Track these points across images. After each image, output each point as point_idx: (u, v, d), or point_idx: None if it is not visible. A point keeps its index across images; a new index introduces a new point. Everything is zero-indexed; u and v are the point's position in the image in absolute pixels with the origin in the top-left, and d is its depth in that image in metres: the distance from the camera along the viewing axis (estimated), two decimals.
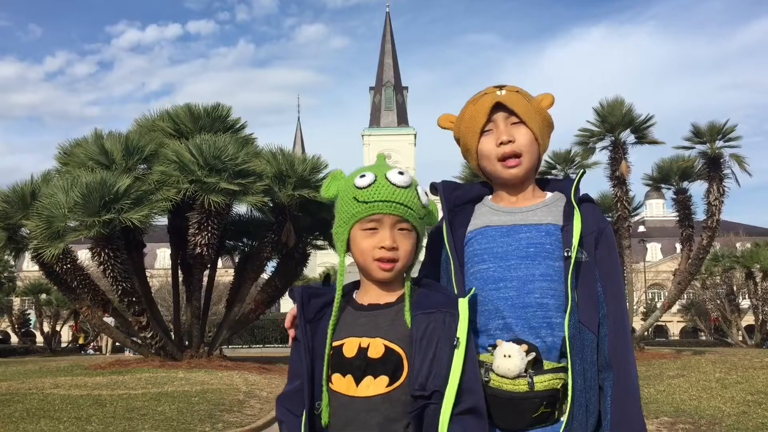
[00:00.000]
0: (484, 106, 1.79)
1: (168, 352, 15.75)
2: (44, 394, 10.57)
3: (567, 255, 1.67)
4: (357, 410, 1.62)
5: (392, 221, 1.65)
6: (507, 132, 1.76)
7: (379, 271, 1.66)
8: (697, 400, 9.47)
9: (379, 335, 1.64)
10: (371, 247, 1.65)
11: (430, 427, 1.55)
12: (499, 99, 1.77)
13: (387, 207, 1.64)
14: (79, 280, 15.16)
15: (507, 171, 1.78)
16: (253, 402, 10.20)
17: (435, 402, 1.56)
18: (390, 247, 1.64)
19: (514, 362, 1.62)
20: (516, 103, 1.77)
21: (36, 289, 36.58)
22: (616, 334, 1.69)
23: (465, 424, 1.54)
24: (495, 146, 1.77)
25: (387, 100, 75.16)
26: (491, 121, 1.79)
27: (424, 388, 1.57)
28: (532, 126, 1.77)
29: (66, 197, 13.41)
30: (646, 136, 18.49)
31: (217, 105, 17.10)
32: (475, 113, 1.80)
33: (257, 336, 39.98)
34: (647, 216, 62.61)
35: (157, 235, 18.79)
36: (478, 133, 1.80)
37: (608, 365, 1.67)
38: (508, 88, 1.81)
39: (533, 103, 1.80)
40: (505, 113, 1.77)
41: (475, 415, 1.56)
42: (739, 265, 30.70)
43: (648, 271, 49.78)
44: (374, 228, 1.66)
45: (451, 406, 1.54)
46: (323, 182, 1.79)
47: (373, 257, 1.65)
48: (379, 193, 1.64)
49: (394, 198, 1.64)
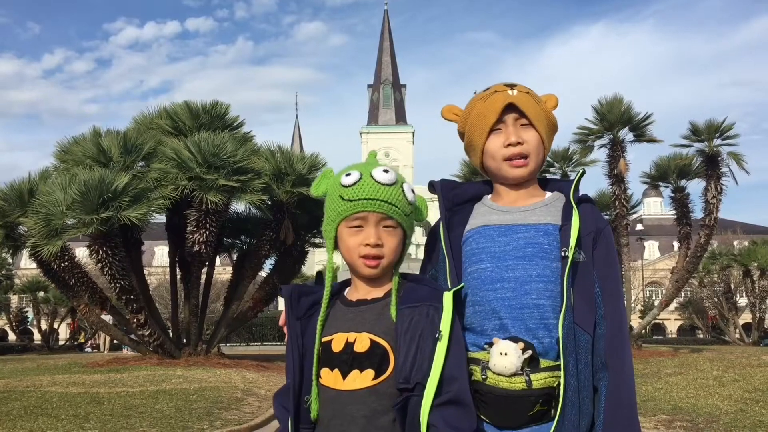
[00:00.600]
0: (496, 105, 1.77)
1: (166, 349, 15.74)
2: (42, 392, 10.57)
3: (564, 255, 1.67)
4: (343, 403, 1.64)
5: (377, 219, 1.67)
6: (516, 134, 1.76)
7: (364, 268, 1.68)
8: (695, 397, 9.49)
9: (365, 329, 1.67)
10: (357, 245, 1.68)
11: (413, 419, 1.57)
12: (511, 99, 1.77)
13: (371, 205, 1.66)
14: (77, 277, 15.14)
15: (512, 171, 1.78)
16: (251, 400, 10.20)
17: (418, 394, 1.58)
18: (374, 245, 1.66)
19: (511, 360, 1.62)
20: (527, 105, 1.77)
21: (34, 287, 36.50)
22: (613, 334, 1.68)
23: (446, 414, 1.55)
24: (502, 146, 1.77)
25: (385, 98, 75.17)
26: (501, 120, 1.78)
27: (408, 381, 1.59)
28: (540, 129, 1.77)
29: (64, 195, 13.39)
30: (645, 134, 18.50)
31: (216, 103, 17.08)
32: (485, 111, 1.79)
33: (255, 334, 40.02)
34: (645, 214, 62.66)
35: (155, 233, 18.77)
36: (487, 132, 1.79)
37: (604, 366, 1.66)
38: (519, 88, 1.80)
39: (541, 105, 1.80)
40: (516, 114, 1.77)
41: (456, 406, 1.57)
42: (737, 263, 30.71)
43: (645, 269, 49.81)
44: (359, 226, 1.68)
45: (432, 398, 1.55)
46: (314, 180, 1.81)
47: (358, 254, 1.68)
48: (364, 191, 1.66)
49: (378, 196, 1.66)
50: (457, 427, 1.55)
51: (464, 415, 1.57)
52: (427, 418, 1.55)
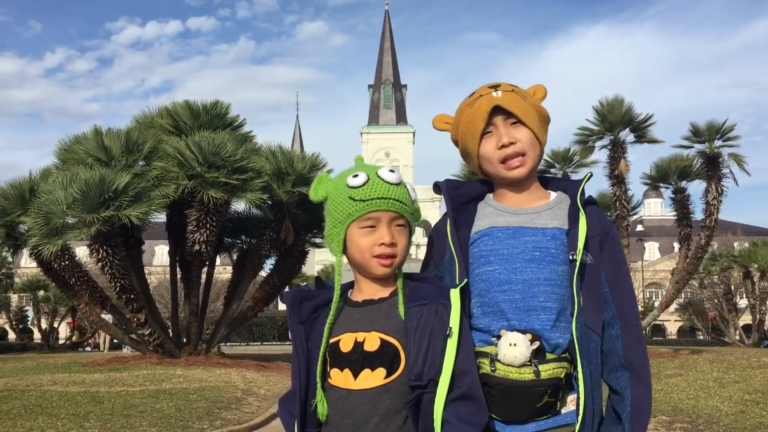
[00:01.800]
0: (482, 109, 1.77)
1: (166, 349, 15.74)
2: (42, 391, 10.57)
3: (572, 258, 1.69)
4: (355, 403, 1.65)
5: (389, 218, 1.69)
6: (507, 134, 1.76)
7: (379, 268, 1.69)
8: (695, 399, 9.48)
9: (374, 329, 1.68)
10: (370, 245, 1.68)
11: (427, 415, 1.59)
12: (496, 102, 1.76)
13: (384, 204, 1.67)
14: (78, 276, 15.14)
15: (510, 172, 1.78)
16: (251, 399, 10.20)
17: (430, 391, 1.59)
18: (390, 243, 1.68)
19: (520, 350, 1.64)
20: (513, 104, 1.76)
21: (34, 286, 36.52)
22: (637, 338, 1.70)
23: (459, 409, 1.57)
24: (496, 149, 1.77)
25: (386, 98, 75.21)
26: (491, 123, 1.78)
27: (420, 378, 1.60)
28: (531, 124, 1.77)
29: (65, 194, 13.39)
30: (646, 135, 18.48)
31: (216, 102, 17.08)
32: (473, 117, 1.79)
33: (255, 333, 39.98)
34: (645, 215, 62.66)
35: (156, 232, 18.76)
36: (479, 137, 1.79)
37: (623, 366, 1.68)
38: (503, 87, 1.80)
39: (529, 100, 1.79)
40: (504, 115, 1.77)
41: (468, 400, 1.59)
42: (737, 265, 30.71)
43: (646, 270, 49.84)
44: (372, 226, 1.69)
45: (445, 393, 1.57)
46: (311, 186, 1.81)
47: (372, 254, 1.69)
48: (375, 191, 1.67)
49: (390, 195, 1.68)
50: (471, 422, 1.57)
51: (476, 409, 1.60)
52: (441, 413, 1.56)
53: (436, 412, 1.57)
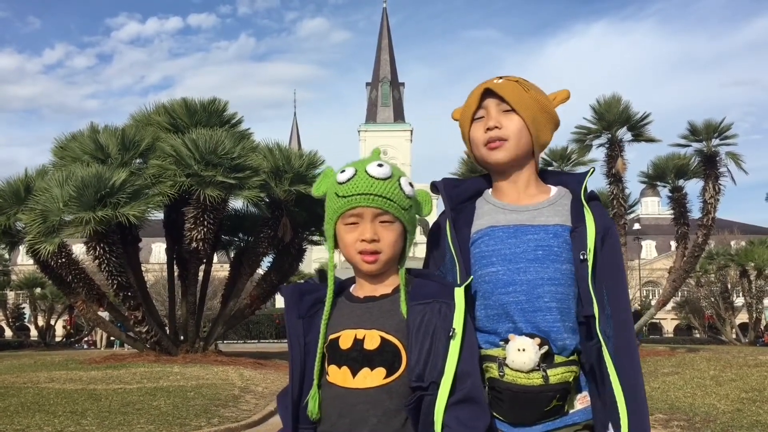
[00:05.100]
0: (476, 93, 1.79)
1: (163, 346, 15.72)
2: (39, 388, 10.56)
3: (583, 258, 1.66)
4: (353, 402, 1.62)
5: (372, 214, 1.65)
6: (496, 119, 1.75)
7: (363, 264, 1.67)
8: (692, 397, 9.51)
9: (374, 326, 1.64)
10: (353, 241, 1.66)
11: (427, 418, 1.56)
12: (489, 85, 1.77)
13: (365, 200, 1.64)
14: (74, 274, 15.10)
15: (490, 154, 1.76)
16: (249, 397, 10.20)
17: (432, 393, 1.55)
18: (370, 240, 1.64)
19: (529, 356, 1.62)
20: (508, 91, 1.75)
21: (30, 283, 36.43)
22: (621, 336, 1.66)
23: (459, 413, 1.54)
24: (483, 132, 1.77)
25: (383, 96, 75.09)
26: (483, 107, 1.78)
27: (421, 380, 1.57)
28: (524, 114, 1.74)
29: (61, 191, 13.35)
30: (643, 133, 18.48)
31: (214, 99, 17.03)
32: (469, 101, 1.81)
33: (252, 331, 40.01)
34: (642, 213, 62.67)
35: (153, 230, 18.72)
36: (470, 120, 1.80)
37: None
38: (508, 77, 1.80)
39: (531, 93, 1.77)
40: (497, 100, 1.76)
41: (469, 404, 1.55)
42: (734, 263, 30.76)
43: (643, 269, 49.89)
44: (355, 222, 1.66)
45: (447, 396, 1.54)
46: (316, 179, 1.79)
47: (356, 250, 1.66)
48: (357, 186, 1.65)
49: (372, 190, 1.64)
50: (472, 426, 1.54)
51: (478, 413, 1.56)
52: (442, 417, 1.53)
53: (436, 415, 1.53)
